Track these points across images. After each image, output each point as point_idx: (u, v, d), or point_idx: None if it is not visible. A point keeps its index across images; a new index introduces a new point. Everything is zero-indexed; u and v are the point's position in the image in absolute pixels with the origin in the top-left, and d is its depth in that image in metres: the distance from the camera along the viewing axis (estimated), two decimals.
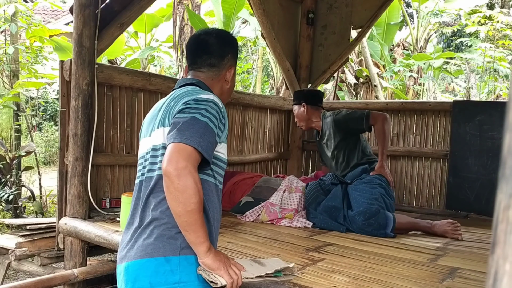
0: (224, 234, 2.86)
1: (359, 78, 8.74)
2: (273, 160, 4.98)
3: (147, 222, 1.55)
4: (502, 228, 0.30)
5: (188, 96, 1.57)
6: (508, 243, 0.29)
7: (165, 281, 1.48)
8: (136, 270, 1.53)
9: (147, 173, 1.62)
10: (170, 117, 1.55)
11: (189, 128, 1.45)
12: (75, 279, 2.79)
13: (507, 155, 0.30)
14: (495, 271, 0.30)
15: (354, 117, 3.53)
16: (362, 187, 3.27)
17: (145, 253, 1.51)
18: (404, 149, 4.44)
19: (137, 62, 9.36)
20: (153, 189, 1.57)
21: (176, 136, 1.43)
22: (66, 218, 3.05)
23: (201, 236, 1.44)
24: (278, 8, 4.67)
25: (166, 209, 1.52)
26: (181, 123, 1.47)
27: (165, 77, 3.75)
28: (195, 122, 1.46)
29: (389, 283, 2.06)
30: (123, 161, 3.32)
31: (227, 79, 1.82)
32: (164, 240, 1.51)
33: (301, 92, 4.01)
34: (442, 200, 4.23)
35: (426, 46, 10.84)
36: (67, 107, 3.07)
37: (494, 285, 0.30)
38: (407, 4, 12.58)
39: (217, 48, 1.78)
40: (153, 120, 1.69)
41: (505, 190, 0.30)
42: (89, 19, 2.97)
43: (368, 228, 3.07)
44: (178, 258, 1.50)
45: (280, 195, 3.47)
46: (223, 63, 1.79)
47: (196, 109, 1.50)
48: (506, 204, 0.30)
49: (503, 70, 9.22)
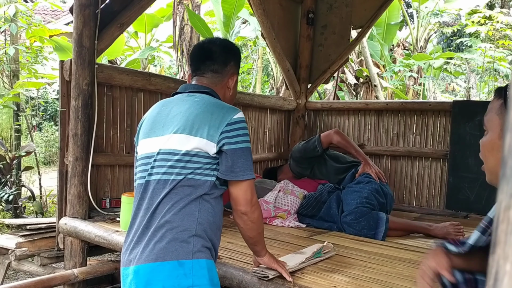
0: (224, 234, 2.86)
1: (359, 78, 8.73)
2: (273, 160, 4.98)
3: (159, 225, 1.55)
4: (503, 229, 0.30)
5: (223, 113, 1.63)
6: (508, 243, 0.29)
7: (179, 285, 1.49)
8: (148, 274, 1.52)
9: (161, 175, 1.60)
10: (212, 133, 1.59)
11: (246, 161, 1.62)
12: (75, 279, 2.79)
13: (508, 155, 0.30)
14: (496, 271, 0.30)
15: (307, 147, 3.79)
16: (352, 189, 3.31)
17: (157, 257, 1.51)
18: (404, 149, 4.44)
19: (137, 62, 9.36)
20: (169, 193, 1.57)
21: (244, 172, 1.61)
22: (66, 218, 3.05)
23: (264, 245, 1.84)
24: (278, 8, 4.67)
25: (179, 211, 1.54)
26: (239, 156, 1.60)
27: (165, 77, 3.75)
28: (247, 153, 1.63)
29: (389, 283, 2.07)
30: (123, 161, 3.32)
31: (230, 86, 1.85)
32: (177, 244, 1.52)
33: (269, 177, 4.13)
34: (442, 200, 4.23)
35: (426, 46, 10.84)
36: (67, 107, 3.07)
37: (494, 285, 0.30)
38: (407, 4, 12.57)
39: (220, 55, 1.82)
40: (162, 122, 1.68)
41: (506, 190, 0.30)
42: (89, 19, 2.98)
43: (357, 226, 3.06)
44: (191, 262, 1.51)
45: (275, 195, 3.49)
46: (226, 70, 1.82)
47: (243, 135, 1.63)
48: (506, 204, 0.30)
49: (503, 70, 9.22)
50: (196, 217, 1.55)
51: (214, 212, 1.62)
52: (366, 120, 4.70)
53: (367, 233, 3.04)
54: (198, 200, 1.57)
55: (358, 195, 3.22)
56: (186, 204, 1.55)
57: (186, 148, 1.58)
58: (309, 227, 3.31)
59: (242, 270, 2.12)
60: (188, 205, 1.55)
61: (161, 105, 1.77)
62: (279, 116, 5.01)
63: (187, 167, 1.57)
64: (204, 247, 1.56)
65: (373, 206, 3.18)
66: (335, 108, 4.92)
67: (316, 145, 3.73)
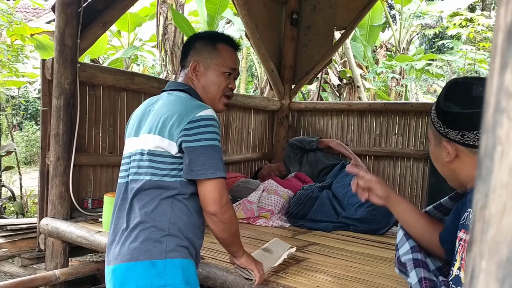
0: (208, 234, 2.84)
1: (342, 79, 8.79)
2: (257, 160, 4.98)
3: (133, 225, 1.56)
4: (479, 227, 0.31)
5: (186, 111, 1.56)
6: (484, 242, 0.30)
7: (151, 284, 1.49)
8: (122, 274, 1.54)
9: (133, 175, 1.62)
10: (173, 132, 1.54)
11: (211, 159, 1.52)
12: (56, 280, 2.76)
13: (483, 157, 0.31)
14: (472, 269, 0.31)
15: (305, 140, 4.39)
16: (344, 183, 3.30)
17: (131, 257, 1.52)
18: (387, 150, 4.48)
19: (120, 61, 9.29)
20: (138, 192, 1.58)
21: (207, 171, 1.52)
22: (47, 219, 3.02)
23: (240, 246, 1.75)
24: (262, 9, 4.68)
25: (151, 212, 1.54)
26: (198, 154, 1.52)
27: (149, 76, 3.73)
28: (210, 151, 1.53)
29: (371, 282, 2.09)
30: (105, 161, 3.29)
31: (192, 76, 1.76)
32: (150, 244, 1.52)
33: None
34: (424, 200, 4.27)
35: (409, 47, 10.95)
36: (49, 106, 3.03)
37: (471, 282, 0.31)
38: (390, 6, 12.69)
39: (184, 48, 1.83)
40: (143, 121, 1.68)
41: (482, 190, 0.31)
42: (71, 18, 2.94)
43: (373, 212, 3.07)
44: (163, 261, 1.51)
45: (258, 194, 3.48)
46: (188, 61, 1.79)
47: (207, 133, 1.54)
48: (482, 203, 0.31)
49: (484, 72, 9.35)
50: (169, 217, 1.55)
51: (190, 212, 1.59)
52: (349, 121, 4.73)
53: (381, 220, 3.05)
54: (170, 200, 1.56)
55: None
56: (158, 204, 1.55)
57: (150, 148, 1.58)
58: (303, 228, 3.28)
59: (225, 270, 2.12)
60: (159, 206, 1.55)
61: (146, 104, 1.77)
62: (263, 116, 5.01)
63: (154, 167, 1.56)
64: (180, 246, 1.55)
65: None
66: (319, 108, 4.94)
67: (313, 141, 4.29)
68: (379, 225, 3.10)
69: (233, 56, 1.82)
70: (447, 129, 1.15)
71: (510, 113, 0.29)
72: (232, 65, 1.80)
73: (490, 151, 0.30)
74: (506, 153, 0.29)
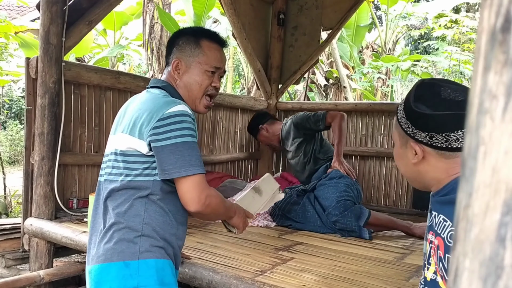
0: (194, 234, 2.85)
1: (329, 79, 8.83)
2: (244, 160, 4.98)
3: (108, 226, 1.55)
4: (463, 226, 0.31)
5: (156, 109, 1.53)
6: (467, 241, 0.30)
7: (124, 285, 1.49)
8: (98, 274, 1.53)
9: (107, 175, 1.61)
10: (143, 130, 1.52)
11: (183, 156, 1.48)
12: (41, 281, 2.73)
13: (467, 157, 0.31)
14: (456, 267, 0.31)
15: (312, 118, 3.80)
16: (327, 185, 3.32)
17: (105, 258, 1.52)
18: (372, 150, 4.51)
19: (105, 60, 9.22)
20: (111, 193, 1.57)
21: (180, 169, 1.48)
22: (31, 219, 2.98)
23: (230, 214, 1.75)
24: (249, 8, 4.68)
25: (124, 213, 1.53)
26: (169, 152, 1.48)
27: (134, 75, 3.71)
28: (183, 148, 1.49)
29: (357, 281, 2.10)
30: (91, 161, 3.27)
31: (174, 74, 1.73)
32: (123, 244, 1.51)
33: (253, 122, 4.39)
34: (409, 199, 4.31)
35: (395, 48, 11.03)
36: (33, 105, 3.00)
37: (455, 281, 0.31)
38: (376, 6, 12.76)
39: (168, 46, 1.81)
40: (120, 120, 1.67)
41: (465, 190, 0.31)
42: (56, 16, 2.92)
43: (343, 220, 3.08)
44: (137, 262, 1.50)
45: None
46: (170, 58, 1.76)
47: (178, 130, 1.49)
48: (466, 203, 0.31)
49: (468, 73, 9.46)
50: (142, 217, 1.53)
51: (165, 212, 1.56)
52: None
53: (352, 225, 3.06)
54: (144, 200, 1.54)
55: (336, 189, 3.24)
56: (131, 205, 1.53)
57: (122, 148, 1.57)
58: (291, 228, 3.28)
59: (212, 270, 2.12)
60: (133, 206, 1.53)
61: (127, 102, 1.75)
62: (250, 116, 5.00)
63: (128, 168, 1.55)
64: (155, 246, 1.53)
65: (352, 198, 3.22)
66: (306, 108, 4.95)
67: (319, 119, 3.76)
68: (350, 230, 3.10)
69: (217, 54, 1.76)
70: (415, 130, 1.13)
71: (493, 114, 0.30)
72: (215, 64, 1.74)
73: (473, 151, 0.31)
74: (489, 154, 0.30)
